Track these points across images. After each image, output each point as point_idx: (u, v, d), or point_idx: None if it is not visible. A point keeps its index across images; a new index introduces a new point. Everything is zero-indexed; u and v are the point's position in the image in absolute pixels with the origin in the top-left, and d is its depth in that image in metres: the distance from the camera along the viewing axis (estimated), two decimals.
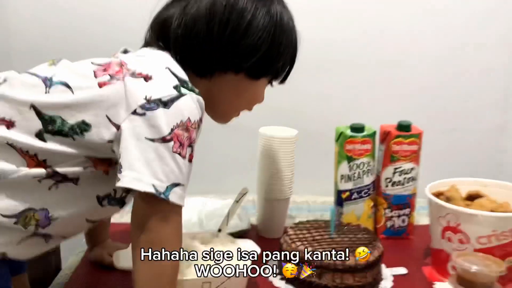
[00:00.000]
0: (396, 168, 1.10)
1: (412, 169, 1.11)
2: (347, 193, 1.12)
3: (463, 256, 0.85)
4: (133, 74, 0.69)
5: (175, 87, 0.68)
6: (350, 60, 1.42)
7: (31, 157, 0.68)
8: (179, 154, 0.66)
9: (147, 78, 0.69)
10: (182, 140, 0.67)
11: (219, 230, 0.92)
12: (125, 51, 0.78)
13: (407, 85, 1.45)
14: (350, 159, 1.10)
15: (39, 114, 0.68)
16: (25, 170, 0.68)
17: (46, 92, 0.69)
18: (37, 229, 0.71)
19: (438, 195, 0.98)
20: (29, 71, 0.73)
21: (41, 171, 0.68)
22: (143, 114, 0.66)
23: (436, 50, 1.43)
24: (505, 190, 1.01)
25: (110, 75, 0.69)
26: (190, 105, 0.68)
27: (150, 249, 0.66)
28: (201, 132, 0.73)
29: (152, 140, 0.65)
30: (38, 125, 0.68)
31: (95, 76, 0.70)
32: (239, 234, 1.05)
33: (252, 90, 0.82)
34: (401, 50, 1.43)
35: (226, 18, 0.73)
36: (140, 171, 0.64)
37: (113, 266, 0.92)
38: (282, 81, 0.86)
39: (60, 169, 0.69)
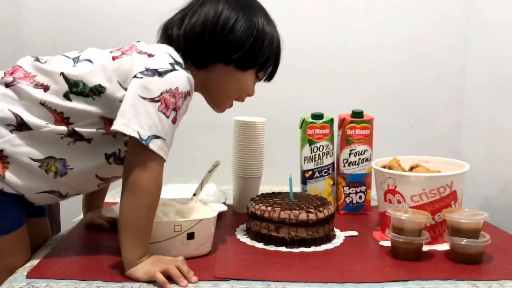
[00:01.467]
0: (351, 150, 1.27)
1: (365, 150, 1.27)
2: (310, 173, 1.29)
3: (398, 210, 1.01)
4: (140, 52, 0.90)
5: (171, 64, 0.88)
6: (317, 65, 1.62)
7: (58, 114, 0.87)
8: (164, 113, 0.85)
9: (150, 56, 0.89)
10: (168, 103, 0.85)
11: (194, 194, 1.08)
12: (138, 42, 0.98)
13: (369, 88, 1.63)
14: (311, 142, 1.28)
15: (66, 79, 0.88)
16: (52, 126, 0.87)
17: (73, 66, 0.90)
18: (55, 176, 0.89)
19: (383, 168, 1.14)
20: (63, 54, 0.94)
21: (63, 128, 0.87)
22: (141, 78, 0.85)
23: (395, 56, 1.63)
24: (443, 164, 1.17)
25: (121, 52, 0.92)
26: (180, 78, 0.88)
27: (130, 187, 0.83)
28: (188, 132, 0.90)
29: (144, 98, 0.84)
30: (65, 87, 0.88)
31: (110, 53, 0.92)
32: None
33: (241, 80, 1.01)
34: (363, 56, 1.63)
35: (216, 21, 0.94)
36: (129, 118, 0.82)
37: (101, 227, 1.09)
38: (269, 78, 1.06)
39: (78, 129, 0.88)
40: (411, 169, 1.15)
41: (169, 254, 0.90)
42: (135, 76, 0.85)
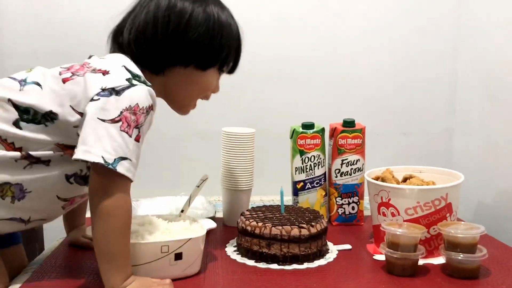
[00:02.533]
0: (343, 160, 1.24)
1: (357, 160, 1.25)
2: (301, 184, 1.26)
3: (392, 224, 0.98)
4: (94, 70, 0.84)
5: (128, 80, 0.82)
6: (307, 72, 1.59)
7: (9, 145, 0.81)
8: (126, 133, 0.79)
9: (104, 73, 0.83)
10: (129, 122, 0.79)
11: (182, 211, 1.05)
12: (90, 57, 0.92)
13: (361, 95, 1.61)
14: (302, 153, 1.24)
15: (15, 106, 0.82)
16: (3, 152, 0.80)
17: (20, 90, 0.83)
18: (13, 201, 0.82)
19: (376, 179, 1.12)
20: (10, 76, 0.87)
21: (17, 153, 0.81)
22: (98, 99, 0.79)
23: (384, 62, 1.61)
24: (437, 174, 1.14)
25: (72, 73, 0.84)
26: (140, 93, 0.81)
27: (99, 214, 0.78)
28: (173, 141, 0.83)
29: (103, 120, 0.78)
30: (15, 115, 0.81)
31: (60, 74, 0.85)
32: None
33: (203, 80, 0.94)
34: (352, 63, 1.60)
35: (167, 20, 0.87)
36: (91, 145, 0.77)
37: (87, 246, 1.05)
38: (231, 71, 0.99)
39: (34, 153, 0.82)
40: (405, 180, 1.12)
41: (156, 275, 0.87)
42: (92, 99, 0.79)
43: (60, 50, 1.48)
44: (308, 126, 1.25)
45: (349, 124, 1.24)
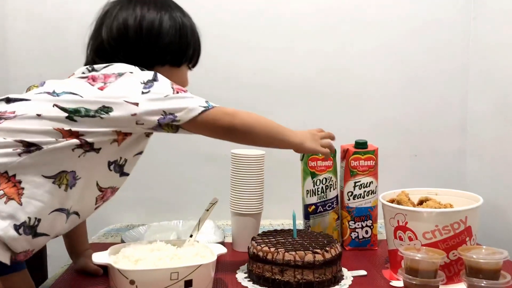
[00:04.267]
0: (356, 182, 1.21)
1: (371, 182, 1.21)
2: (313, 207, 1.22)
3: (410, 249, 0.95)
4: (120, 75, 0.92)
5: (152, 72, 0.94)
6: (316, 95, 1.57)
7: (67, 131, 0.86)
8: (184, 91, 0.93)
9: (130, 74, 0.92)
10: (179, 89, 0.92)
11: (191, 236, 1.01)
12: (91, 70, 0.96)
13: (370, 116, 1.58)
14: (313, 175, 1.21)
15: (62, 109, 0.87)
16: (63, 141, 0.86)
17: (57, 100, 0.88)
18: (66, 189, 0.87)
19: (391, 202, 1.08)
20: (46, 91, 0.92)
21: (75, 141, 0.86)
22: (148, 92, 0.89)
23: (394, 84, 1.59)
24: (453, 196, 1.11)
25: (104, 81, 0.91)
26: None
27: (246, 131, 0.95)
28: (180, 164, 1.10)
29: (167, 96, 0.90)
30: (65, 114, 0.87)
31: (91, 85, 0.91)
32: None
33: (179, 75, 1.04)
34: (363, 85, 1.58)
35: (139, 31, 0.98)
36: (183, 108, 0.89)
37: (97, 273, 1.01)
38: (194, 65, 1.09)
39: (90, 139, 0.87)
40: (421, 202, 1.09)
41: None
42: (142, 93, 0.89)
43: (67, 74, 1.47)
44: None
45: (361, 145, 1.21)
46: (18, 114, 0.86)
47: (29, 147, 0.84)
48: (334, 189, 1.23)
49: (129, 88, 0.90)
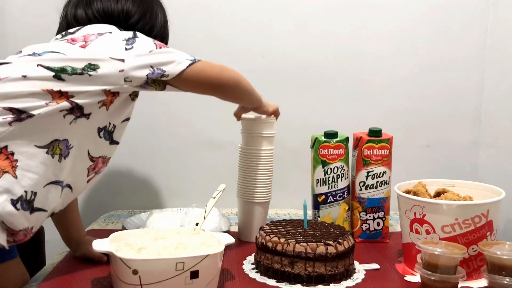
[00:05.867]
0: (368, 172, 1.16)
1: (384, 172, 1.16)
2: (323, 197, 1.17)
3: (428, 243, 0.90)
4: (99, 34, 0.90)
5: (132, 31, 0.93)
6: (328, 78, 1.51)
7: (56, 93, 0.82)
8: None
9: (109, 34, 0.91)
10: (162, 45, 0.91)
11: (197, 224, 0.96)
12: (67, 33, 0.95)
13: (383, 105, 1.53)
14: (324, 163, 1.16)
15: (48, 68, 0.83)
16: (53, 104, 0.81)
17: (40, 59, 0.84)
18: (60, 159, 0.85)
19: (407, 193, 1.03)
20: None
21: (65, 104, 0.83)
22: (131, 48, 0.87)
23: (408, 71, 1.53)
24: (471, 188, 1.06)
25: (84, 40, 0.89)
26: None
27: (228, 83, 0.96)
28: (188, 151, 1.17)
29: (151, 51, 0.88)
30: (51, 73, 0.83)
31: (72, 44, 0.89)
32: None
33: None
34: (375, 72, 1.52)
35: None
36: (170, 62, 0.88)
37: (100, 260, 0.97)
38: None
39: (79, 101, 0.84)
40: (438, 194, 1.04)
41: None
42: (125, 49, 0.87)
43: None
44: (331, 135, 1.16)
45: (375, 133, 1.16)
46: (2, 78, 0.81)
47: (19, 115, 0.80)
48: (345, 179, 1.17)
49: (112, 46, 0.88)
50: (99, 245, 0.84)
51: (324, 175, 1.16)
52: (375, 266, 1.02)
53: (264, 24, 1.49)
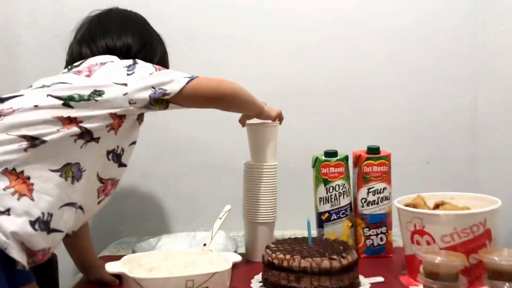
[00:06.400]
0: (369, 188, 1.19)
1: (384, 188, 1.20)
2: (326, 215, 1.21)
3: (429, 253, 0.93)
4: (102, 64, 0.98)
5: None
6: (328, 99, 1.56)
7: (66, 119, 0.89)
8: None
9: (111, 62, 0.99)
10: (160, 68, 0.99)
11: (204, 245, 1.00)
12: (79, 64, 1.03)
13: (380, 124, 1.57)
14: (326, 182, 1.20)
15: (57, 97, 0.90)
16: (64, 130, 0.88)
17: (49, 90, 0.92)
18: (73, 182, 0.90)
19: (406, 206, 1.06)
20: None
21: (75, 129, 0.89)
22: (132, 73, 0.95)
23: (404, 91, 1.58)
24: (469, 200, 1.09)
25: (89, 70, 0.97)
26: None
27: (230, 96, 1.03)
28: (193, 176, 1.25)
29: (151, 74, 0.96)
30: (60, 102, 0.90)
31: (77, 74, 0.96)
32: None
33: None
34: (372, 92, 1.57)
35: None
36: (169, 82, 0.95)
37: (113, 283, 1.00)
38: None
39: (88, 125, 0.90)
40: (437, 206, 1.07)
41: None
42: (127, 74, 0.95)
43: None
44: (331, 154, 1.21)
45: (374, 151, 1.20)
46: (16, 109, 0.88)
47: (33, 141, 0.85)
48: (347, 196, 1.21)
49: (114, 72, 0.95)
50: (112, 267, 0.88)
51: (327, 193, 1.20)
52: (380, 279, 1.04)
53: (263, 50, 1.55)
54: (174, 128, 1.52)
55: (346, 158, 1.21)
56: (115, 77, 0.93)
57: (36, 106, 0.88)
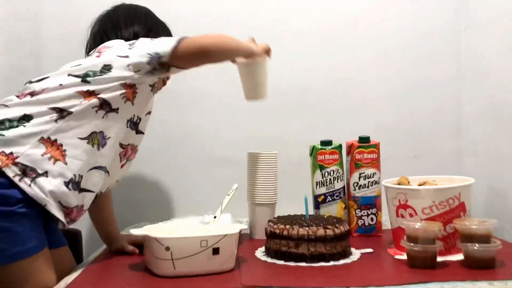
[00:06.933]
0: (360, 174, 1.33)
1: (374, 173, 1.34)
2: (322, 197, 1.34)
3: (411, 221, 1.06)
4: (109, 47, 1.13)
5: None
6: (324, 99, 1.71)
7: (85, 92, 1.03)
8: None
9: (117, 45, 1.13)
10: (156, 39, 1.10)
11: (214, 217, 1.13)
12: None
13: (373, 121, 1.71)
14: (322, 168, 1.34)
15: (75, 75, 1.05)
16: (85, 102, 1.02)
17: (69, 71, 1.08)
18: (98, 148, 1.04)
19: None
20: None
21: (95, 100, 1.02)
22: (133, 47, 1.09)
23: (395, 90, 1.73)
24: (449, 181, 1.22)
25: (99, 51, 1.13)
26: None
27: (209, 50, 1.08)
28: (200, 166, 1.42)
29: (148, 44, 1.08)
30: (78, 79, 1.04)
31: (90, 55, 1.15)
32: None
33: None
34: (365, 92, 1.72)
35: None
36: (163, 42, 1.06)
37: (133, 253, 1.14)
38: None
39: (105, 96, 1.03)
40: (420, 186, 1.21)
41: (195, 269, 0.95)
42: (129, 48, 1.08)
43: None
44: (326, 143, 1.35)
45: (364, 140, 1.34)
46: (45, 88, 1.03)
47: (61, 113, 1.00)
48: (341, 180, 1.35)
49: (119, 50, 1.09)
50: (136, 231, 1.01)
51: (322, 178, 1.34)
52: (369, 250, 1.17)
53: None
54: (184, 122, 1.68)
55: (340, 147, 1.36)
56: (119, 52, 1.08)
57: (61, 85, 1.03)
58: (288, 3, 1.72)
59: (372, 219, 1.34)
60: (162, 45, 1.05)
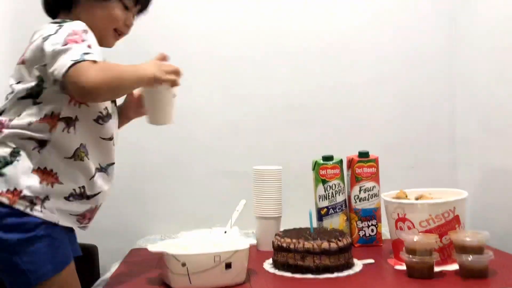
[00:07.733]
0: (361, 187, 1.41)
1: (373, 187, 1.41)
2: (325, 210, 1.42)
3: (409, 234, 1.14)
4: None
5: (58, 24, 1.03)
6: (327, 115, 1.79)
7: (45, 118, 1.01)
8: (76, 43, 0.99)
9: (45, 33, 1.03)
10: (76, 40, 0.99)
11: (225, 232, 1.21)
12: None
13: (371, 136, 1.79)
14: (324, 182, 1.41)
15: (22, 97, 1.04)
16: (54, 130, 1.01)
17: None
18: (88, 157, 1.04)
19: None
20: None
21: (60, 124, 1.01)
22: (46, 39, 1.00)
23: (393, 107, 1.81)
24: (444, 194, 1.30)
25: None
26: (72, 25, 1.02)
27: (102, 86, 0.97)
28: (206, 181, 1.40)
29: (54, 50, 0.98)
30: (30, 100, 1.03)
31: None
32: None
33: (106, 11, 1.11)
34: (363, 108, 1.80)
35: None
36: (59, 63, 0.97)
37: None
38: (142, 7, 1.18)
39: (64, 115, 1.02)
40: (417, 199, 1.28)
41: (209, 283, 1.03)
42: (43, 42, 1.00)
43: None
44: (328, 158, 1.43)
45: (364, 155, 1.42)
46: (9, 123, 1.02)
47: (40, 143, 1.01)
48: (342, 194, 1.42)
49: (36, 49, 1.02)
50: (154, 248, 1.08)
51: (325, 192, 1.42)
52: (371, 261, 1.25)
53: (266, 73, 1.78)
54: (190, 139, 1.75)
55: (341, 162, 1.43)
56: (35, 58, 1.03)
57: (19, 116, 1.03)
58: (293, 23, 1.79)
59: (372, 230, 1.42)
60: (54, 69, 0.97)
